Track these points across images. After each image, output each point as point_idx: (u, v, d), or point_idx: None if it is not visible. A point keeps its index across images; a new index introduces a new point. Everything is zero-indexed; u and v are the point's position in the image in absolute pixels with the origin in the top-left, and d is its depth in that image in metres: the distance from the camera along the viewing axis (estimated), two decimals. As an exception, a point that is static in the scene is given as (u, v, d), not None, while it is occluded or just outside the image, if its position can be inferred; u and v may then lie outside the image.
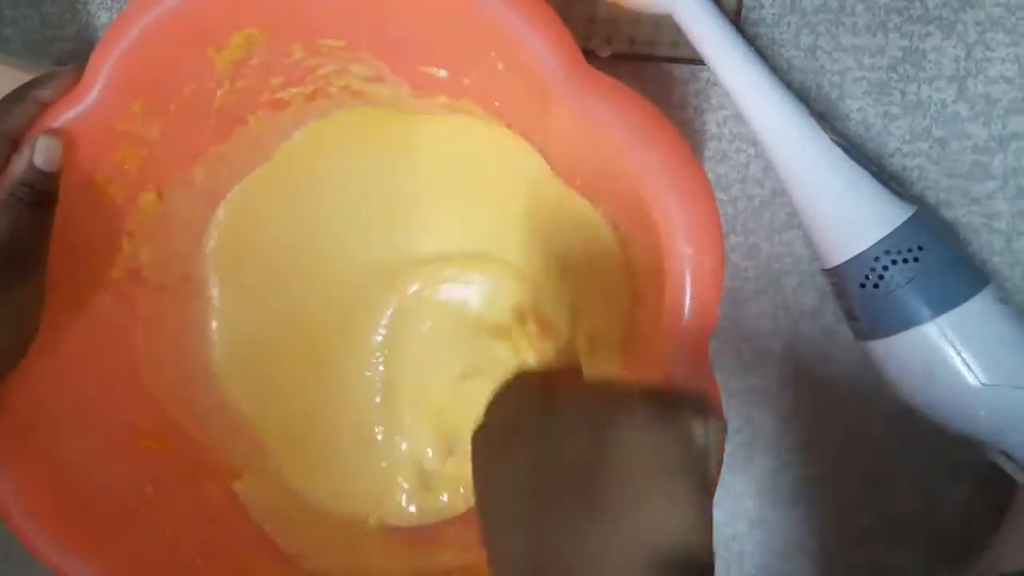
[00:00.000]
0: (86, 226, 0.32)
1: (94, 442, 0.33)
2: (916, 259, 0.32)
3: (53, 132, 0.29)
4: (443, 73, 0.34)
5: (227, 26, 0.31)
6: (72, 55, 0.42)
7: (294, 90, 0.36)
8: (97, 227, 0.33)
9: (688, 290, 0.27)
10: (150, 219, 0.35)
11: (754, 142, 0.38)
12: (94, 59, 0.29)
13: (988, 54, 0.37)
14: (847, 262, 0.33)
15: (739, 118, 0.36)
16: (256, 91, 0.35)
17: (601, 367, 0.35)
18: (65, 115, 0.30)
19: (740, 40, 0.35)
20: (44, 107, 0.29)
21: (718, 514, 0.40)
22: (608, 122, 0.27)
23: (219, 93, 0.33)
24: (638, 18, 0.36)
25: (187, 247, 0.38)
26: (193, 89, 0.32)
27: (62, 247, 0.31)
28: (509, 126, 0.36)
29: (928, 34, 0.37)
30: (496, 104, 0.35)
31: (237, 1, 0.30)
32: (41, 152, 0.29)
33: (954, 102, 0.37)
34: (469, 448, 0.25)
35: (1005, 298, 0.33)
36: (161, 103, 0.32)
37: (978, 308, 0.32)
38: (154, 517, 0.34)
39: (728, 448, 0.28)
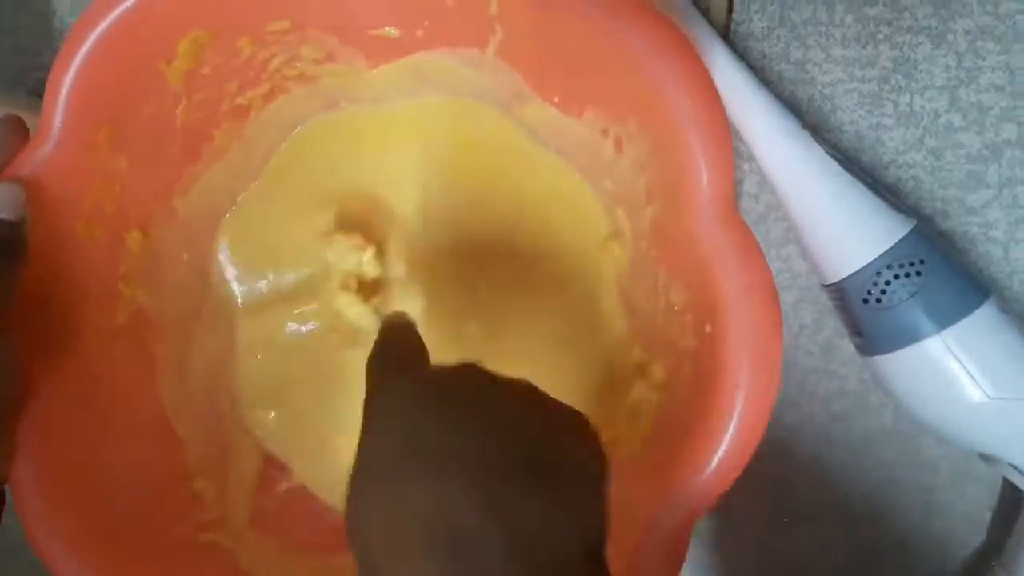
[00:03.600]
0: (77, 275, 0.31)
1: (142, 495, 0.32)
2: (918, 273, 0.32)
3: (14, 179, 0.28)
4: (394, 32, 0.33)
5: (171, 33, 0.30)
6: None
7: (251, 93, 0.35)
8: (89, 275, 0.32)
9: (699, 151, 0.26)
10: (141, 260, 0.34)
11: (748, 157, 0.37)
12: (48, 94, 0.28)
13: (979, 63, 0.37)
14: (848, 277, 0.33)
15: (733, 133, 0.36)
16: (214, 101, 0.34)
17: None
18: (32, 160, 0.29)
19: (730, 54, 0.35)
20: None
21: (718, 529, 0.39)
22: (577, 10, 0.27)
23: (178, 111, 0.33)
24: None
25: (188, 284, 0.37)
26: (152, 111, 0.32)
27: (58, 300, 0.30)
28: (477, 67, 0.35)
29: (918, 44, 0.37)
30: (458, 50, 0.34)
31: (174, 1, 0.29)
32: (1, 202, 0.27)
33: (947, 111, 0.37)
34: None
35: (1006, 309, 0.33)
36: (123, 131, 0.31)
37: (982, 321, 0.32)
38: (227, 555, 0.33)
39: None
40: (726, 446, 0.26)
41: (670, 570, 0.26)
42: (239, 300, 0.39)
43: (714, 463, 0.26)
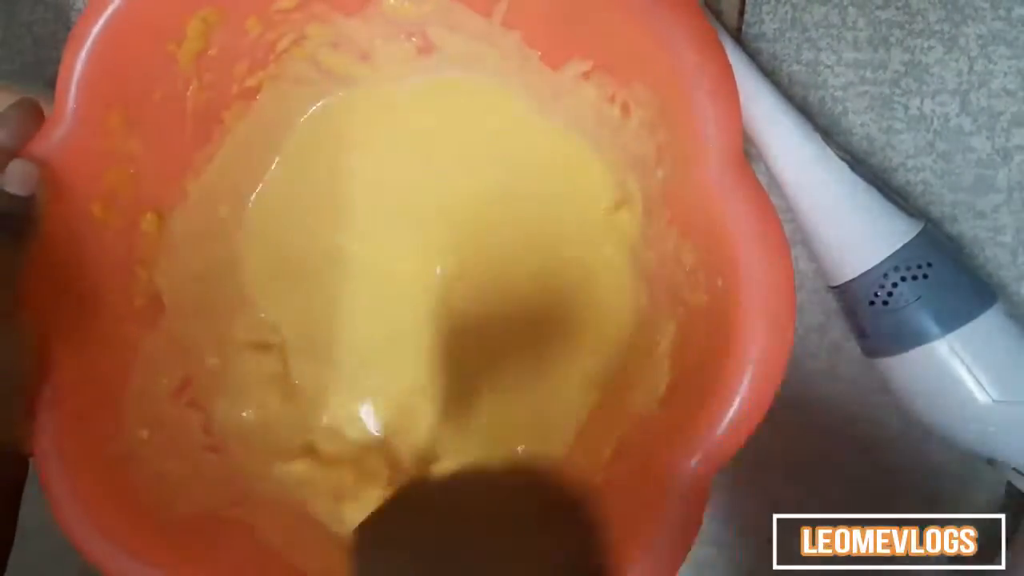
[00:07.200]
0: (95, 258, 0.32)
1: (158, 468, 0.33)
2: (925, 276, 0.32)
3: (27, 157, 0.28)
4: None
5: (179, 13, 0.31)
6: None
7: (260, 74, 0.36)
8: (106, 257, 0.32)
9: (707, 106, 0.26)
10: (156, 243, 0.34)
11: (757, 158, 0.38)
12: (61, 78, 0.29)
13: (990, 67, 0.37)
14: (855, 279, 0.33)
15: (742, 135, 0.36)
16: (224, 83, 0.35)
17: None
18: (46, 143, 0.29)
19: (742, 55, 0.35)
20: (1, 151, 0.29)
21: (726, 532, 0.39)
22: None
23: (189, 93, 0.33)
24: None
25: (203, 268, 0.37)
26: (163, 93, 0.32)
27: (77, 283, 0.30)
28: (484, 36, 0.35)
29: (930, 48, 0.37)
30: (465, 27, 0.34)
31: None
32: (12, 177, 0.28)
33: (957, 116, 0.37)
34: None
35: (1013, 314, 0.33)
36: (136, 113, 0.31)
37: (988, 324, 0.32)
38: (246, 529, 0.33)
39: (737, 465, 0.28)
40: (742, 397, 0.26)
41: (688, 529, 0.26)
42: (255, 289, 0.39)
43: (731, 415, 0.26)
